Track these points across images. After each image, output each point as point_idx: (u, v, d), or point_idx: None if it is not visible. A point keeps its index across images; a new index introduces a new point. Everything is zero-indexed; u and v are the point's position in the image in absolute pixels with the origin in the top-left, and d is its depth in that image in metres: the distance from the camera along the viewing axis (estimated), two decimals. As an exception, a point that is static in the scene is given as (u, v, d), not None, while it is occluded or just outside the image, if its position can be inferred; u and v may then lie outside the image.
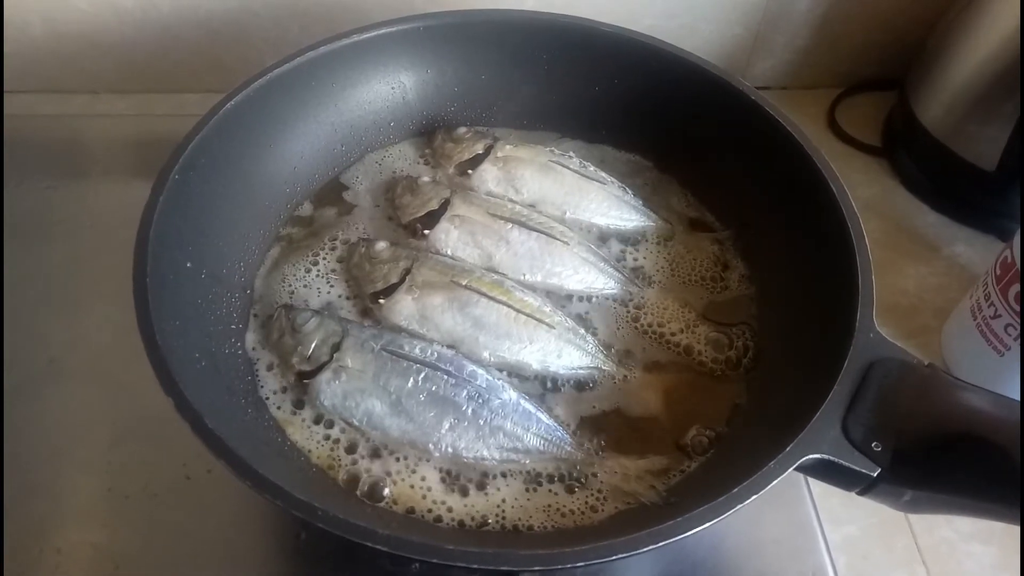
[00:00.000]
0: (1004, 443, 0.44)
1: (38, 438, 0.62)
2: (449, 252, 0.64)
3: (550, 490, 0.53)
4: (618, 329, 0.61)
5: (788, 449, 0.44)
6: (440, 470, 0.53)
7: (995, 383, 0.63)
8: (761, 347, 0.60)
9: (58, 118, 0.87)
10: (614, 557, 0.41)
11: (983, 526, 0.62)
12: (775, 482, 0.43)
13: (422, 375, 0.54)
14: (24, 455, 0.60)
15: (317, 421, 0.55)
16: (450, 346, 0.57)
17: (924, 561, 0.60)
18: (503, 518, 0.51)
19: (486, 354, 0.57)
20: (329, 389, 0.54)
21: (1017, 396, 0.48)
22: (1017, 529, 0.44)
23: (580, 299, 0.63)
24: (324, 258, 0.64)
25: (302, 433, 0.54)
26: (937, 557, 0.61)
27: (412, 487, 0.52)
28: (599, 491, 0.53)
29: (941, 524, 0.62)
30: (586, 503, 0.52)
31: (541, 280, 0.62)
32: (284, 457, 0.53)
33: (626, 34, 0.69)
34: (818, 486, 0.61)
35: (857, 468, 0.45)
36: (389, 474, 0.53)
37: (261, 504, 0.58)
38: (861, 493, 0.46)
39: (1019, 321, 0.61)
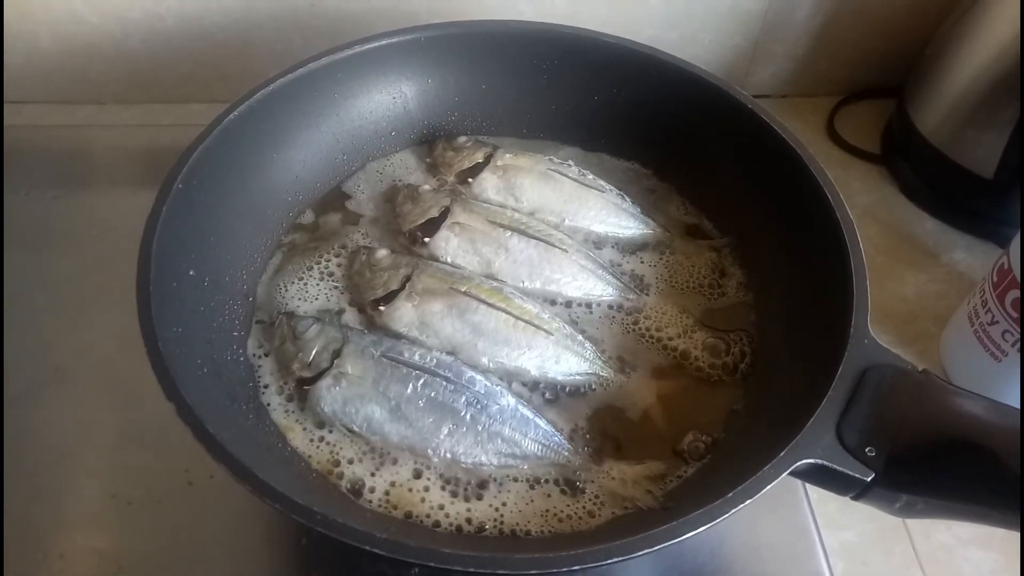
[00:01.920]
0: (997, 448, 0.44)
1: (43, 444, 0.62)
2: (449, 259, 0.64)
3: (548, 495, 0.53)
4: (616, 335, 0.62)
5: (782, 454, 0.45)
6: (439, 475, 0.54)
7: (993, 390, 0.64)
8: (758, 353, 0.60)
9: (65, 128, 0.89)
10: (609, 561, 0.42)
11: (982, 531, 0.61)
12: (769, 487, 0.44)
13: (421, 381, 0.54)
14: (28, 460, 0.61)
15: (317, 427, 0.55)
16: (449, 352, 0.58)
17: (922, 567, 0.61)
18: (501, 523, 0.52)
19: (485, 360, 0.58)
20: (329, 395, 0.55)
21: (1013, 402, 0.48)
22: (1015, 535, 0.45)
23: (578, 306, 0.63)
24: (325, 266, 0.65)
25: (302, 439, 0.55)
26: (935, 563, 0.61)
27: (411, 492, 0.53)
28: (596, 496, 0.53)
29: (939, 529, 0.62)
30: (583, 508, 0.53)
31: (540, 287, 0.63)
32: (285, 463, 0.53)
33: (626, 44, 0.69)
34: (816, 491, 0.61)
35: (851, 473, 0.45)
36: (388, 479, 0.53)
37: (263, 509, 0.57)
38: (855, 498, 0.47)
39: (1016, 328, 0.61)
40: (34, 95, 0.89)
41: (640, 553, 0.42)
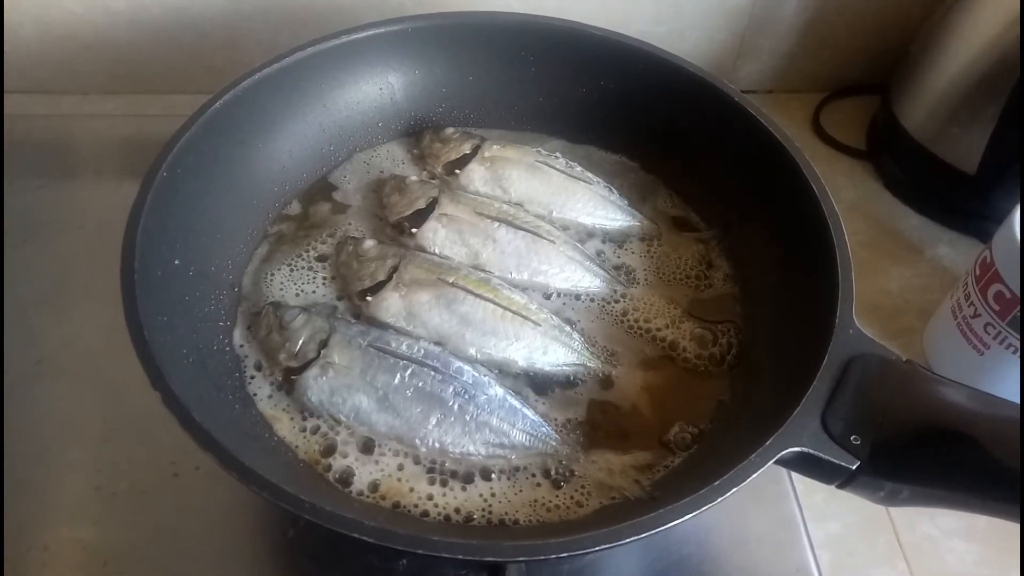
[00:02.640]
0: (981, 436, 0.44)
1: (27, 437, 0.61)
2: (436, 250, 0.64)
3: (536, 485, 0.53)
4: (603, 327, 0.62)
5: (768, 443, 0.45)
6: (427, 465, 0.53)
7: (976, 382, 0.63)
8: (745, 344, 0.61)
9: (49, 118, 0.88)
10: (596, 548, 0.42)
11: (965, 523, 0.62)
12: (755, 475, 0.44)
13: (409, 371, 0.54)
14: (13, 453, 0.60)
15: (304, 417, 0.55)
16: (437, 343, 0.58)
17: (906, 557, 0.61)
18: (489, 513, 0.52)
19: (472, 351, 0.58)
20: (316, 385, 0.55)
21: (996, 394, 0.48)
22: (999, 525, 0.45)
23: (566, 297, 0.63)
24: (312, 256, 0.65)
25: (289, 429, 0.55)
26: (919, 553, 0.61)
27: (399, 482, 0.53)
28: (584, 486, 0.53)
29: (923, 520, 0.63)
30: (571, 498, 0.53)
31: (527, 278, 0.63)
32: (271, 452, 0.53)
33: (613, 36, 0.70)
34: (802, 483, 0.61)
35: (836, 461, 0.45)
36: (376, 469, 0.53)
37: (249, 501, 0.58)
38: (841, 486, 0.47)
39: (998, 320, 0.62)
40: (17, 85, 0.88)
41: (626, 541, 0.42)
